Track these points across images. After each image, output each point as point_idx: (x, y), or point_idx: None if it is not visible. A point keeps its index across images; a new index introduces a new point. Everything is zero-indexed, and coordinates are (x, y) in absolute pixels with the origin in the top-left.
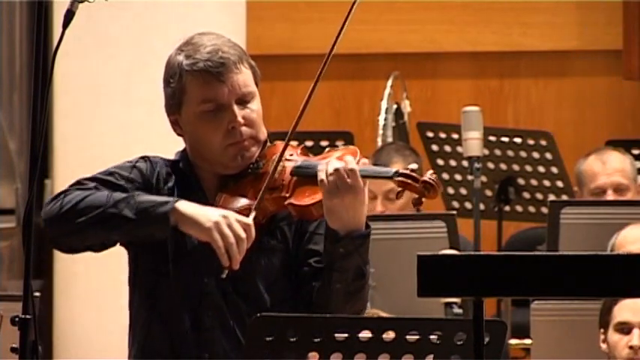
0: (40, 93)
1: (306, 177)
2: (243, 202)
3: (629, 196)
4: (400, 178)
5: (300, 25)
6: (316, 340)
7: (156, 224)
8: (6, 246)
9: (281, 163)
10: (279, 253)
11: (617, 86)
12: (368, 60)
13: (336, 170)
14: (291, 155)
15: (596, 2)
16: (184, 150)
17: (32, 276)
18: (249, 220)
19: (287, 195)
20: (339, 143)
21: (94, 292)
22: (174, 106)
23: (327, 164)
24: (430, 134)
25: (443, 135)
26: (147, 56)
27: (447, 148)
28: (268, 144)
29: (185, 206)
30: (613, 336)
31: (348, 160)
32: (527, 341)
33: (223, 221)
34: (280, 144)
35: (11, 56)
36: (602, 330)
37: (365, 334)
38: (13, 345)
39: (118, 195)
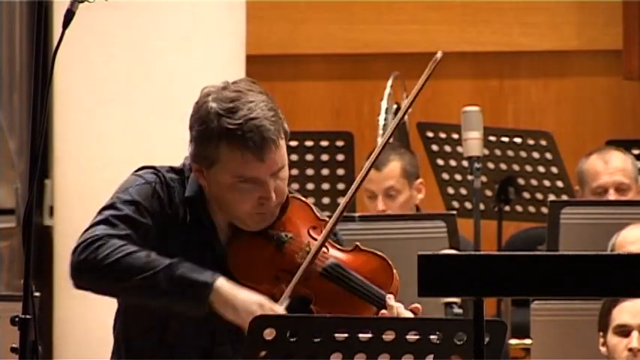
0: (40, 93)
1: (338, 286)
2: (256, 273)
3: (630, 196)
4: None
5: (300, 25)
6: (316, 340)
7: (192, 304)
8: (6, 246)
9: (306, 259)
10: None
11: (617, 86)
12: (368, 60)
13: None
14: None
15: (596, 2)
16: (199, 186)
17: (32, 276)
18: (282, 309)
19: (311, 294)
20: (338, 143)
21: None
22: (204, 164)
23: (389, 312)
24: (430, 134)
25: (443, 135)
26: (147, 56)
27: (447, 148)
28: (289, 202)
29: (224, 289)
30: (612, 339)
31: (403, 310)
32: (527, 341)
33: (259, 311)
34: (300, 206)
35: (11, 56)
36: (601, 333)
37: (365, 334)
38: (13, 345)
39: (158, 262)
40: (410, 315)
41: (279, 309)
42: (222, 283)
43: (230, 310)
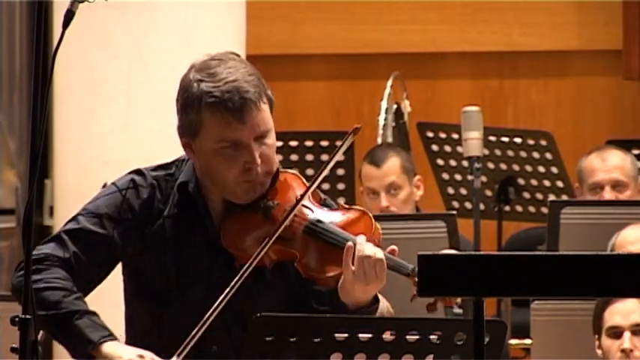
0: (40, 93)
1: (319, 241)
2: (248, 241)
3: (627, 194)
4: (415, 277)
5: (300, 25)
6: (316, 340)
7: (78, 354)
8: (6, 246)
9: (293, 212)
10: (282, 289)
11: (617, 86)
12: (368, 60)
13: (367, 259)
14: (305, 202)
15: (596, 2)
16: (193, 169)
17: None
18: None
19: (296, 253)
20: (338, 143)
21: (94, 292)
22: (189, 133)
23: (355, 249)
24: (430, 134)
25: (443, 135)
26: (147, 56)
27: (447, 148)
28: (279, 174)
29: (107, 349)
30: (605, 341)
31: (371, 247)
32: (527, 341)
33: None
34: (290, 179)
35: (11, 56)
36: (596, 336)
37: (365, 334)
38: (13, 345)
39: (65, 305)
40: (374, 249)
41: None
42: (108, 344)
43: None
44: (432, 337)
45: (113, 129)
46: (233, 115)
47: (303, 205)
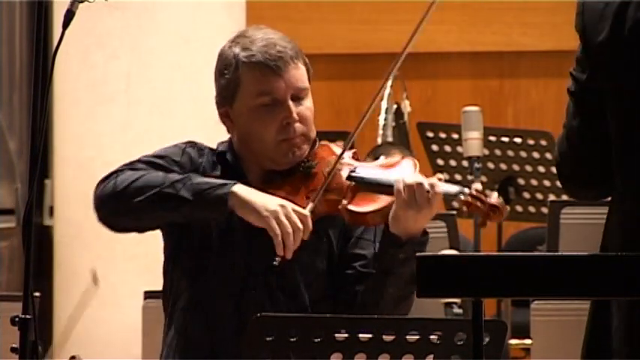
0: (40, 93)
1: (365, 183)
2: (291, 201)
3: None
4: (466, 198)
5: (300, 25)
6: (316, 340)
7: (213, 207)
8: (6, 246)
9: (333, 163)
10: (323, 253)
11: None
12: (368, 60)
13: (419, 185)
14: (342, 159)
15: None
16: (230, 141)
17: (32, 276)
18: (307, 211)
19: (342, 199)
20: (338, 143)
21: (94, 292)
22: (227, 97)
23: (405, 177)
24: (430, 134)
25: (443, 135)
26: (147, 56)
27: (447, 148)
28: (317, 144)
29: (243, 191)
30: None
31: (419, 175)
32: (527, 341)
33: (281, 210)
34: (329, 145)
35: (11, 56)
36: None
37: (365, 334)
38: (13, 345)
39: (174, 176)
40: (422, 177)
41: (303, 211)
42: (240, 186)
43: (253, 212)
44: (432, 337)
45: (113, 129)
46: (270, 68)
47: (344, 162)
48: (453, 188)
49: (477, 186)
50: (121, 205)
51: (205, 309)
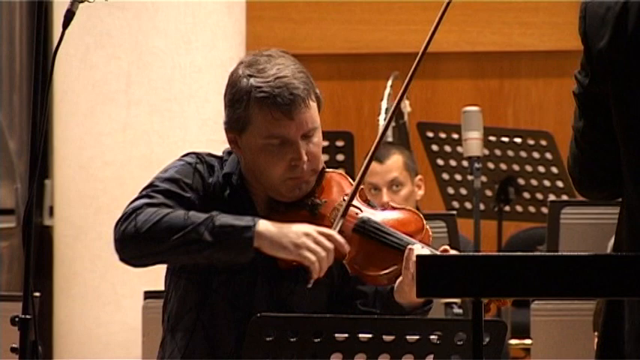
0: (40, 93)
1: (370, 239)
2: None
3: None
4: None
5: (300, 25)
6: (316, 340)
7: (238, 250)
8: (6, 246)
9: (338, 218)
10: (325, 287)
11: None
12: (368, 60)
13: None
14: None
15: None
16: (237, 163)
17: (32, 276)
18: (331, 231)
19: (346, 252)
20: (339, 143)
21: (94, 292)
22: (237, 129)
23: (416, 251)
24: (430, 134)
25: (443, 135)
26: (147, 56)
27: (447, 148)
28: (324, 174)
29: (267, 229)
30: None
31: (427, 251)
32: (527, 341)
33: (308, 239)
34: (337, 179)
35: (11, 56)
36: (596, 333)
37: (365, 334)
38: (13, 345)
39: (197, 217)
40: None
41: (328, 231)
42: (264, 224)
43: (281, 250)
44: (432, 337)
45: (113, 129)
46: (282, 111)
47: (352, 205)
48: None
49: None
50: (144, 249)
51: (208, 334)
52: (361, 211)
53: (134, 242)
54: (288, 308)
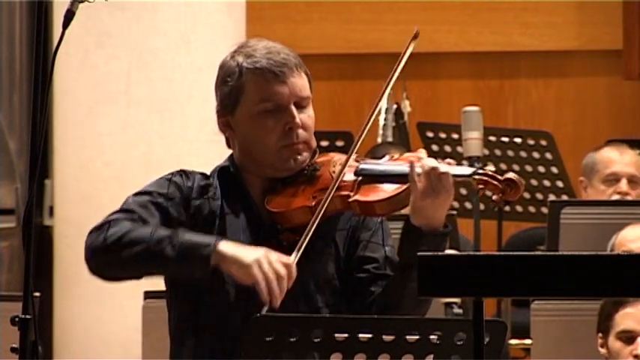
0: (40, 93)
1: (374, 176)
2: (297, 202)
3: (638, 192)
4: (479, 177)
5: (300, 25)
6: (316, 340)
7: (196, 265)
8: (6, 246)
9: (339, 167)
10: (331, 258)
11: (617, 86)
12: (368, 60)
13: (433, 169)
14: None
15: (596, 2)
16: (231, 156)
17: (32, 276)
18: (290, 259)
19: (351, 194)
20: (339, 143)
21: (94, 292)
22: (229, 106)
23: (417, 164)
24: (430, 134)
25: (443, 135)
26: (147, 56)
27: (447, 148)
28: (317, 154)
29: (226, 247)
30: (615, 343)
31: (432, 159)
32: (527, 341)
33: (264, 259)
34: (330, 154)
35: (11, 56)
36: (600, 334)
37: (365, 334)
38: (13, 345)
39: (161, 232)
40: (435, 161)
41: (286, 259)
42: (224, 243)
43: (235, 265)
44: (432, 337)
45: (113, 129)
46: (274, 73)
47: (349, 164)
48: (467, 170)
49: (490, 168)
50: (108, 258)
51: (216, 326)
52: (359, 162)
53: (100, 252)
54: (298, 283)
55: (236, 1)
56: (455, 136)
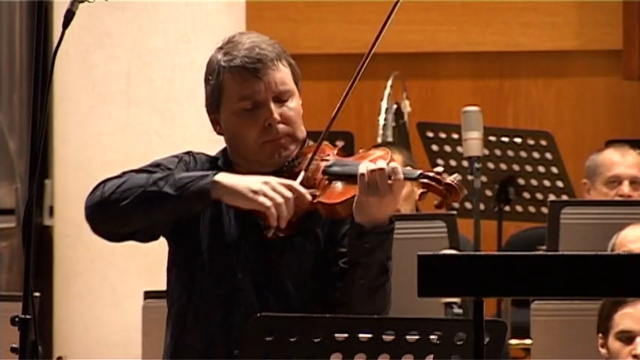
0: (40, 93)
1: (337, 176)
2: None
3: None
4: (424, 180)
5: (300, 25)
6: (316, 340)
7: (197, 199)
8: (6, 246)
9: (315, 162)
10: (311, 254)
11: (617, 86)
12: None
13: (380, 169)
14: (327, 155)
15: (596, 2)
16: (225, 149)
17: (32, 276)
18: (292, 181)
19: (317, 192)
20: (339, 143)
21: (94, 292)
22: (214, 104)
23: (369, 162)
24: (430, 134)
25: (443, 135)
26: (147, 56)
27: (447, 148)
28: (308, 143)
29: (225, 178)
30: (614, 343)
31: (381, 160)
32: (527, 341)
33: (266, 186)
34: (318, 145)
35: (11, 56)
36: (600, 335)
37: (365, 334)
38: (13, 345)
39: (157, 175)
40: (384, 163)
41: (288, 181)
42: (222, 174)
43: (238, 197)
44: (432, 337)
45: (113, 129)
46: (249, 70)
47: (325, 158)
48: (414, 173)
49: (438, 168)
50: (107, 210)
51: (197, 313)
52: (330, 159)
53: (99, 206)
54: (273, 279)
55: (236, 1)
56: (455, 136)
